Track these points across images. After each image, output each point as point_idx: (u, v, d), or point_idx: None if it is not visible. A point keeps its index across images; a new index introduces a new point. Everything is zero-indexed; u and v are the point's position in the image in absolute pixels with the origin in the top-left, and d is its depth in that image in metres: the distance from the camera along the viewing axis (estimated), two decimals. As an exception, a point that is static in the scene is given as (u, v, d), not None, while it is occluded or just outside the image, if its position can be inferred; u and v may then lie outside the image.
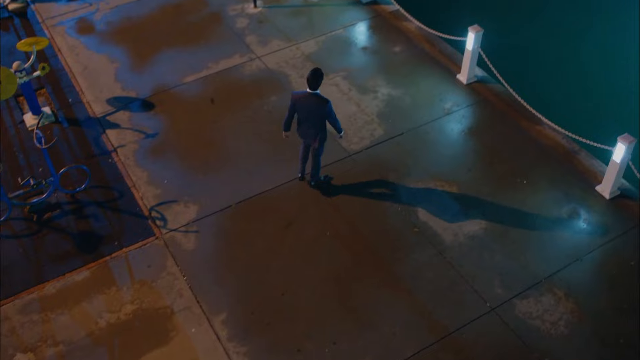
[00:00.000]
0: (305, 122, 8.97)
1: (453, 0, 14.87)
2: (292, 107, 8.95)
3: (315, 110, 8.74)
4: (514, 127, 10.54)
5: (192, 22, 12.89)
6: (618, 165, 9.00)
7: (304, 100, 8.78)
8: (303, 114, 8.88)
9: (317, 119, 8.83)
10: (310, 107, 8.75)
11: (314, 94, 8.70)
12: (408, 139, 10.37)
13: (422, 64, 11.73)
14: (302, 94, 8.81)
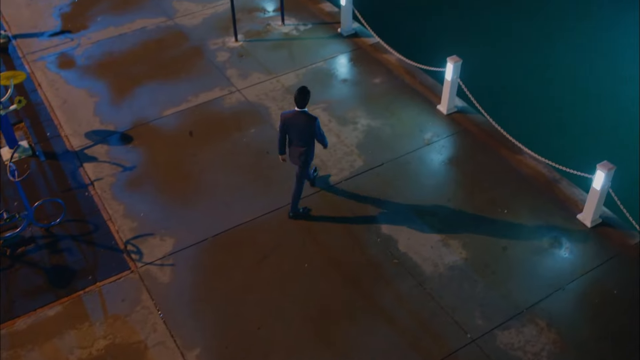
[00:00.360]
0: (294, 142, 9.05)
1: (432, 32, 15.01)
2: (283, 126, 9.02)
3: (305, 128, 8.84)
4: (495, 156, 10.49)
5: (173, 56, 12.90)
6: (598, 192, 8.93)
7: (293, 119, 8.88)
8: (293, 132, 8.96)
9: (306, 136, 8.92)
10: (300, 125, 8.85)
11: (302, 111, 8.81)
12: (388, 169, 10.30)
13: (403, 95, 11.73)
14: (291, 112, 8.92)
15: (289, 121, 8.91)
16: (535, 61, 14.52)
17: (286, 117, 8.94)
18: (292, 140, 9.07)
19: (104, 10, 14.38)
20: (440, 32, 15.26)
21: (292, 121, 8.89)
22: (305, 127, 8.85)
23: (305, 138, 8.96)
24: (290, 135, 9.04)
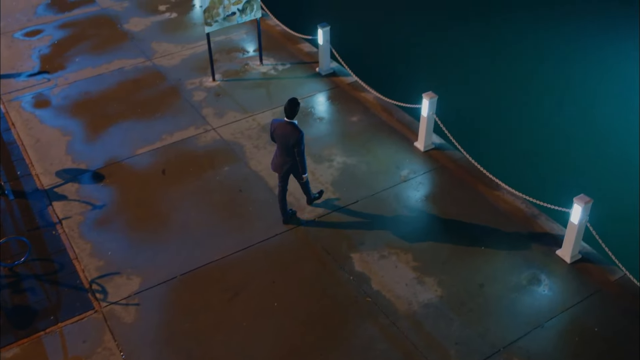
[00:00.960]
0: (279, 151, 9.16)
1: (410, 70, 15.07)
2: (272, 134, 9.21)
3: (289, 139, 8.92)
4: (472, 192, 10.30)
5: (150, 96, 12.79)
6: (576, 227, 8.71)
7: (280, 128, 9.02)
8: (279, 141, 9.10)
9: (290, 148, 8.99)
10: (285, 134, 8.95)
11: (290, 122, 8.94)
12: (362, 206, 10.07)
13: (380, 132, 11.60)
14: (280, 121, 9.07)
15: (277, 130, 9.07)
16: (511, 96, 14.61)
17: (275, 125, 9.13)
18: (278, 149, 9.22)
19: (83, 52, 14.35)
20: (418, 69, 15.35)
21: (279, 130, 9.02)
22: (290, 139, 8.93)
23: (289, 149, 9.02)
24: (277, 144, 9.19)
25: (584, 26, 18.09)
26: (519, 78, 15.43)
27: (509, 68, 15.80)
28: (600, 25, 18.17)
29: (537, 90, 14.95)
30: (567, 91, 15.04)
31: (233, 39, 14.57)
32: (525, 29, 17.96)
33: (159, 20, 15.46)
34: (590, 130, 13.56)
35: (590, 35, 17.59)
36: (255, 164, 10.97)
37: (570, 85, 15.26)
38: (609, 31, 17.66)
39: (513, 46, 17.12)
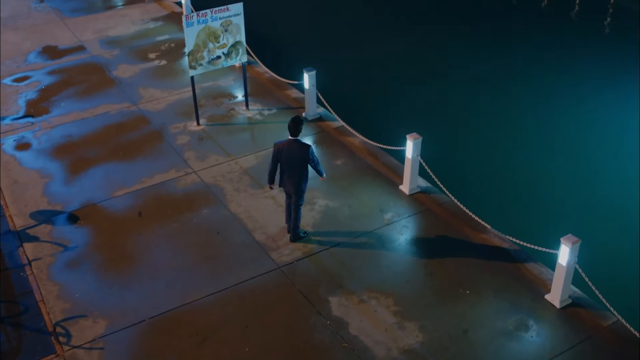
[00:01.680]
0: (287, 171, 9.22)
1: (397, 114, 14.99)
2: (276, 155, 9.23)
3: (298, 156, 9.05)
4: (458, 235, 9.90)
5: (132, 139, 12.58)
6: (564, 269, 8.27)
7: (286, 147, 9.11)
8: (286, 161, 9.16)
9: (299, 164, 9.11)
10: (293, 153, 9.07)
11: (295, 140, 9.10)
12: (343, 249, 9.67)
13: (364, 176, 11.30)
14: (285, 141, 9.18)
15: (282, 150, 9.12)
16: (496, 137, 14.59)
17: (279, 145, 9.17)
18: (285, 169, 9.24)
19: (69, 97, 14.24)
20: (404, 112, 15.36)
21: (285, 149, 9.11)
22: (299, 155, 9.05)
23: (298, 166, 9.13)
24: (283, 164, 9.21)
25: (568, 69, 18.39)
26: (504, 120, 15.47)
27: (494, 110, 15.88)
28: (579, 67, 18.37)
29: (522, 132, 14.96)
30: (553, 133, 15.07)
31: (220, 85, 14.48)
32: (512, 71, 18.35)
33: (148, 67, 15.42)
34: (577, 171, 13.46)
35: (574, 76, 17.98)
36: (235, 206, 10.64)
37: (556, 127, 15.31)
38: (589, 75, 17.87)
39: (498, 88, 17.37)
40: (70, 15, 18.77)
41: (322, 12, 23.29)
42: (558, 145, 14.44)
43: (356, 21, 22.14)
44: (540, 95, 16.79)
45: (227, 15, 12.23)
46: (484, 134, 14.74)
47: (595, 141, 14.73)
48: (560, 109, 16.07)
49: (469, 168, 13.07)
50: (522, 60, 19.12)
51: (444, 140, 13.26)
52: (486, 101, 16.28)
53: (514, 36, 21.12)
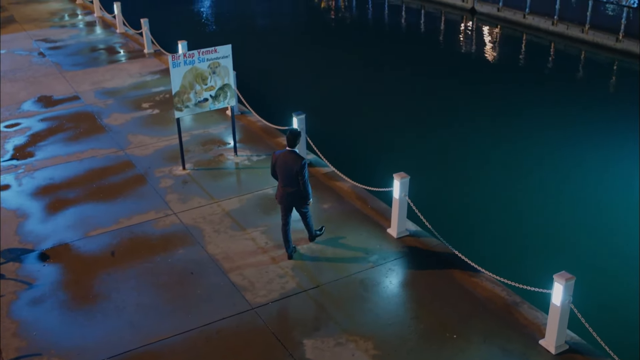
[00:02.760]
0: (282, 181, 9.29)
1: (386, 157, 14.82)
2: (273, 166, 9.41)
3: (291, 167, 9.12)
4: (447, 279, 9.25)
5: (114, 182, 12.18)
6: (559, 309, 7.57)
7: (282, 158, 9.25)
8: (281, 172, 9.28)
9: (293, 177, 9.16)
10: (287, 163, 9.17)
11: (292, 151, 9.21)
12: (324, 292, 9.03)
13: (351, 220, 10.75)
14: (282, 152, 9.33)
15: (279, 160, 9.27)
16: (486, 178, 14.61)
17: (276, 156, 9.35)
18: (281, 180, 9.33)
19: (57, 142, 13.98)
20: (396, 157, 15.23)
21: (281, 160, 9.23)
22: (292, 166, 9.11)
23: (293, 178, 9.18)
24: (279, 174, 9.34)
25: (558, 111, 18.64)
26: (492, 159, 15.57)
27: (483, 150, 16.03)
28: (568, 111, 18.52)
29: (511, 171, 15.00)
30: (542, 171, 15.12)
31: (211, 133, 14.19)
32: (500, 110, 18.74)
33: (140, 116, 15.22)
34: (569, 209, 13.33)
35: (562, 116, 18.41)
36: (212, 247, 10.09)
37: (544, 166, 15.38)
38: (577, 119, 18.07)
39: (485, 125, 17.66)
40: (70, 69, 18.82)
41: (312, 60, 23.56)
42: (548, 185, 14.41)
43: (343, 67, 22.44)
44: (529, 135, 16.93)
45: (215, 56, 12.05)
46: (474, 176, 14.76)
47: (586, 179, 14.76)
48: (548, 147, 16.21)
49: (458, 210, 12.69)
50: (511, 101, 19.56)
51: (433, 182, 13.05)
52: (477, 143, 16.44)
53: (503, 81, 21.31)
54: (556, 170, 15.16)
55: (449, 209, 12.40)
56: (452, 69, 23.51)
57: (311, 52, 25.40)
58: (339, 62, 23.82)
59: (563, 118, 18.26)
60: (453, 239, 9.74)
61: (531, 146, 16.23)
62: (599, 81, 22.45)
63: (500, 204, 13.38)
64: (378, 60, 24.38)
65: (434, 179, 13.78)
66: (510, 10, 27.76)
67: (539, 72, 23.35)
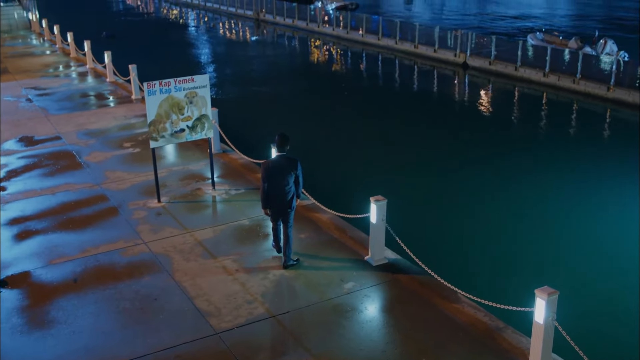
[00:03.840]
0: (277, 187, 9.22)
1: (367, 188, 14.56)
2: (265, 173, 9.26)
3: (287, 169, 9.17)
4: (426, 305, 8.68)
5: (85, 214, 11.73)
6: (542, 327, 7.00)
7: (275, 163, 9.26)
8: (275, 177, 9.21)
9: (288, 178, 9.20)
10: (282, 166, 9.19)
11: (283, 155, 9.25)
12: (294, 317, 8.46)
13: (328, 249, 10.25)
14: (273, 158, 9.40)
15: (271, 166, 9.23)
16: (464, 200, 14.94)
17: (267, 163, 9.32)
18: (275, 186, 9.24)
19: (32, 178, 13.59)
20: (373, 183, 15.13)
21: (274, 165, 9.22)
22: (288, 168, 9.17)
23: (288, 181, 9.21)
24: (272, 181, 9.23)
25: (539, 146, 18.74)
26: (471, 184, 15.97)
27: (461, 175, 16.45)
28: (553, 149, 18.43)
29: (489, 194, 15.40)
30: (519, 192, 15.50)
31: (191, 169, 13.82)
32: (478, 138, 18.83)
33: (120, 154, 14.90)
34: (550, 229, 13.57)
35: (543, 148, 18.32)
36: (180, 275, 9.56)
37: (521, 186, 15.89)
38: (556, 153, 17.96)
39: (463, 147, 17.97)
40: (55, 113, 18.65)
41: (302, 106, 23.54)
42: (528, 208, 14.81)
43: (329, 113, 22.44)
44: (504, 160, 17.54)
45: (192, 86, 11.81)
46: (457, 204, 14.93)
47: (562, 201, 15.21)
48: (529, 175, 16.70)
49: (438, 235, 12.39)
50: (493, 141, 20.06)
51: (413, 207, 12.76)
52: (452, 167, 16.80)
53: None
54: (534, 193, 15.43)
55: (429, 234, 12.10)
56: (437, 115, 23.57)
57: (301, 99, 25.48)
58: (326, 109, 24.07)
59: (545, 156, 18.53)
60: (433, 265, 9.22)
61: (512, 173, 16.68)
62: (590, 126, 22.38)
63: (482, 228, 13.46)
64: (363, 107, 24.53)
65: (413, 205, 13.84)
66: (502, 64, 27.95)
67: (528, 118, 23.36)
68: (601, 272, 11.97)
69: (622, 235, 13.72)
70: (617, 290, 11.30)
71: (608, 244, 13.53)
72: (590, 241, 13.61)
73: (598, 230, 14.17)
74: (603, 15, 49.26)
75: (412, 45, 33.21)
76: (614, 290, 11.11)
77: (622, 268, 12.24)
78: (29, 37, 34.43)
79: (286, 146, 9.26)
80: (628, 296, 11.27)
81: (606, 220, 14.66)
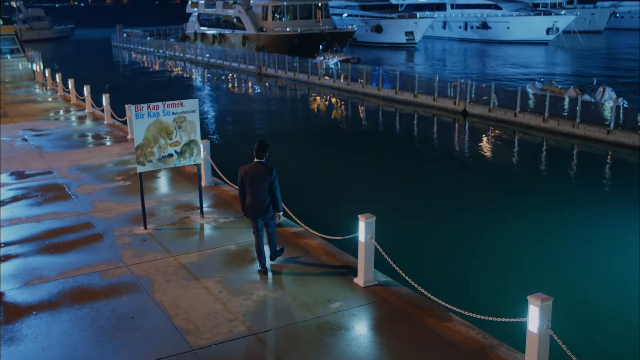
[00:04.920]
0: (253, 193, 9.36)
1: (355, 207, 14.37)
2: (242, 180, 9.45)
3: (263, 176, 9.28)
4: (416, 324, 8.23)
5: (69, 240, 11.38)
6: (536, 337, 6.55)
7: (251, 169, 9.37)
8: (251, 184, 9.35)
9: (265, 187, 9.31)
10: (258, 173, 9.31)
11: (261, 162, 9.39)
12: (276, 335, 8.02)
13: (316, 271, 9.84)
14: (250, 164, 9.45)
15: (248, 173, 9.36)
16: (453, 218, 15.07)
17: (244, 169, 9.43)
18: (252, 192, 9.37)
19: (18, 207, 13.27)
20: (362, 204, 14.90)
21: (251, 173, 9.33)
22: (264, 176, 9.28)
23: (264, 189, 9.33)
24: (249, 187, 9.36)
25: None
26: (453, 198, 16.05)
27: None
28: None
29: (482, 213, 15.43)
30: (509, 213, 15.63)
31: (180, 200, 13.53)
32: (473, 185, 18.79)
33: (111, 187, 14.64)
34: (541, 243, 13.62)
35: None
36: (160, 295, 9.15)
37: (510, 207, 16.09)
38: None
39: (460, 193, 17.97)
40: (49, 150, 18.49)
41: (301, 151, 23.39)
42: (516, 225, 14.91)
43: (325, 155, 22.18)
44: (501, 198, 17.43)
45: (180, 110, 11.64)
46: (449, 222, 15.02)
47: (555, 226, 15.26)
48: (523, 207, 16.69)
49: (428, 255, 11.95)
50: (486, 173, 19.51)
51: (403, 227, 12.44)
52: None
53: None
54: (529, 223, 15.37)
55: (419, 254, 11.69)
56: (436, 158, 23.38)
57: (299, 142, 25.40)
58: (322, 152, 23.95)
59: (543, 192, 18.42)
60: (424, 284, 8.80)
61: (508, 209, 16.47)
62: (590, 167, 22.15)
63: (473, 244, 13.41)
64: (358, 149, 24.56)
65: (403, 224, 13.59)
66: (502, 110, 27.93)
67: (527, 160, 23.18)
68: (599, 285, 11.62)
69: (621, 268, 13.28)
70: (614, 301, 10.96)
71: (605, 267, 13.17)
72: (587, 260, 13.46)
73: (593, 254, 13.94)
74: (601, 66, 49.68)
75: (412, 95, 33.36)
76: (611, 301, 10.75)
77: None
78: (32, 87, 34.73)
79: (264, 153, 9.46)
80: (627, 307, 10.93)
81: (603, 250, 14.31)
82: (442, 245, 14.23)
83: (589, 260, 13.66)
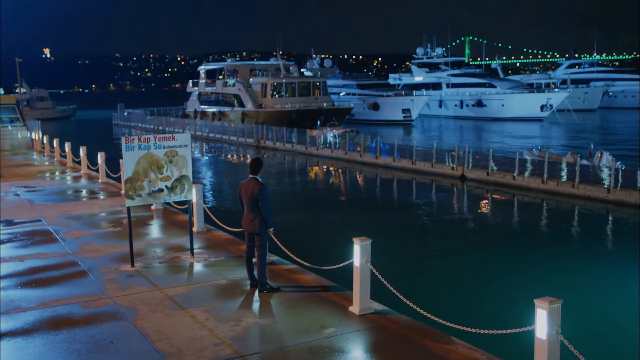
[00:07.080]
0: (247, 208, 9.64)
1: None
2: (238, 195, 9.80)
3: (252, 191, 9.48)
4: (415, 347, 7.69)
5: (52, 276, 10.88)
6: (545, 344, 6.03)
7: (245, 184, 9.67)
8: (244, 198, 9.64)
9: (250, 199, 9.50)
10: (249, 188, 9.56)
11: (254, 178, 9.61)
12: (264, 358, 7.44)
13: (309, 301, 9.33)
14: (245, 180, 9.71)
15: (242, 187, 9.68)
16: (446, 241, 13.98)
17: (241, 185, 9.74)
18: (244, 207, 9.70)
19: (4, 249, 12.80)
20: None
21: (244, 187, 9.64)
22: (253, 191, 9.47)
23: (254, 203, 9.52)
24: (244, 202, 9.66)
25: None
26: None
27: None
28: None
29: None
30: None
31: (171, 242, 13.10)
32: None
33: (100, 232, 14.21)
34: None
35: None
36: (144, 322, 8.61)
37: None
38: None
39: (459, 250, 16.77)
40: (41, 203, 18.13)
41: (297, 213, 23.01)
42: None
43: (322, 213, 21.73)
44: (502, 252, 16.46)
45: (172, 144, 11.40)
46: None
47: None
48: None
49: (426, 280, 11.35)
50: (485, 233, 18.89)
51: (401, 252, 11.87)
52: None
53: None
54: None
55: (416, 279, 11.12)
56: (435, 221, 22.99)
57: (298, 206, 25.10)
58: (318, 213, 23.56)
59: (545, 244, 17.61)
60: (423, 307, 8.31)
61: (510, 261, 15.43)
62: (592, 225, 21.75)
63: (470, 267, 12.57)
64: (352, 211, 24.11)
65: (401, 249, 12.95)
66: (500, 174, 27.79)
67: (527, 219, 22.82)
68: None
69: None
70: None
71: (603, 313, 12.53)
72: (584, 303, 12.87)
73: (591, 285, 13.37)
74: (597, 139, 50.01)
75: (410, 162, 33.35)
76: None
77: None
78: (29, 154, 34.74)
79: (258, 170, 9.71)
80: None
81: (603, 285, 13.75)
82: (443, 284, 13.70)
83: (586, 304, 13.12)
